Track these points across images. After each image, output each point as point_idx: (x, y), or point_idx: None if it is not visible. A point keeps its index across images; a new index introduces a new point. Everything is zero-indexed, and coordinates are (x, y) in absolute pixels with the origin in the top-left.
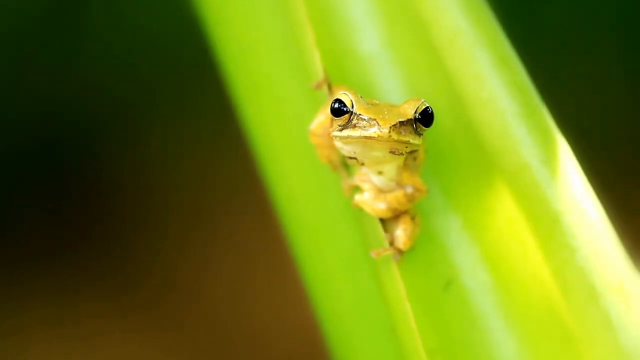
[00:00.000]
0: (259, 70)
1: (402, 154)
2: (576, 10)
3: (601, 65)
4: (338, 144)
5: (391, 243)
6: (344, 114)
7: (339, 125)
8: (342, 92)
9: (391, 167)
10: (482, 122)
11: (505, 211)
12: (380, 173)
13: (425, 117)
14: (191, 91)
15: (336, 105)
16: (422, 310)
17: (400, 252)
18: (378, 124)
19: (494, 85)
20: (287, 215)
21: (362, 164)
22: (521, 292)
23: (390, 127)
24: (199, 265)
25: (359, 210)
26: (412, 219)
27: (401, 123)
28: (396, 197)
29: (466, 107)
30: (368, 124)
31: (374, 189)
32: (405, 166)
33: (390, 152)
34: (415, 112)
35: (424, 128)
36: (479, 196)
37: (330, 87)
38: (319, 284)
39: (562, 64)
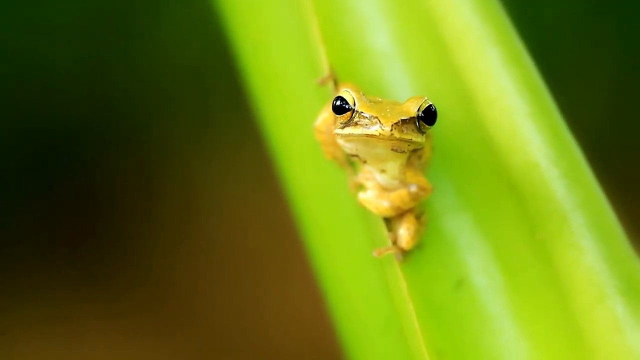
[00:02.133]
0: (270, 66)
1: (404, 151)
2: (590, 8)
3: (612, 64)
4: (340, 141)
5: (394, 242)
6: (346, 112)
7: (341, 123)
8: (344, 89)
9: (394, 166)
10: (491, 120)
11: (516, 210)
12: (383, 171)
13: (428, 115)
14: (207, 88)
15: (338, 103)
16: (429, 310)
17: (403, 251)
18: (380, 122)
19: (503, 83)
20: (299, 211)
21: (365, 162)
22: (532, 292)
23: (392, 125)
24: (203, 265)
25: (364, 209)
26: (417, 218)
27: (403, 121)
28: (400, 195)
29: (475, 105)
30: (370, 121)
31: (377, 187)
32: (409, 164)
33: (392, 149)
34: (418, 110)
35: (427, 126)
36: (490, 195)
37: (336, 84)
38: (330, 281)
39: (574, 62)
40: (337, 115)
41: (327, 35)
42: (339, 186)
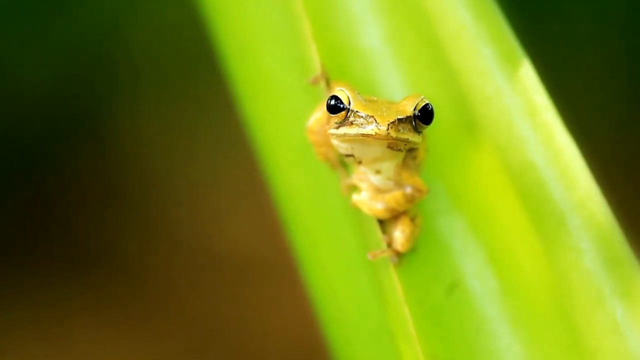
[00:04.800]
0: (256, 63)
1: (400, 149)
2: (585, 5)
3: (611, 61)
4: (335, 141)
5: (389, 245)
6: (341, 111)
7: (336, 123)
8: (338, 88)
9: (389, 166)
10: (486, 120)
11: (511, 212)
12: (378, 172)
13: (425, 115)
14: (191, 85)
15: (332, 102)
16: (423, 314)
17: (398, 254)
18: (376, 121)
19: (498, 82)
20: (286, 214)
21: (360, 163)
22: (528, 295)
23: (388, 125)
24: (189, 263)
25: (357, 211)
26: (412, 220)
27: (400, 120)
28: (395, 197)
29: (470, 104)
30: (365, 121)
31: (371, 189)
32: (404, 165)
33: (388, 146)
34: (414, 109)
35: (424, 125)
36: (485, 196)
37: (328, 83)
38: (319, 285)
39: (572, 60)
40: (332, 115)
41: (319, 33)
42: (328, 188)
